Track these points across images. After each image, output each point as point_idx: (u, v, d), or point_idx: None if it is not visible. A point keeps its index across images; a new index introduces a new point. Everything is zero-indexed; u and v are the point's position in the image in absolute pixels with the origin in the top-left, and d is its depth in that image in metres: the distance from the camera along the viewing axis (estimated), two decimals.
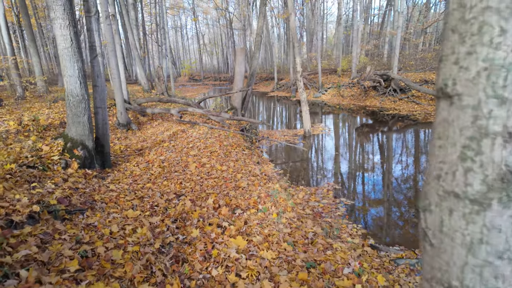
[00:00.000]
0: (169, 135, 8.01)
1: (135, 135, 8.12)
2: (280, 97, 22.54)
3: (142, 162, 5.82)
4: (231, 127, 9.38)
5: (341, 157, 7.92)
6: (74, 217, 3.20)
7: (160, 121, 9.86)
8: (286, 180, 6.25)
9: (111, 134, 7.74)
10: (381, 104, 15.44)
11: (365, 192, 5.77)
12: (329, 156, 8.12)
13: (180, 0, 43.67)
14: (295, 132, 10.76)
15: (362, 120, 12.70)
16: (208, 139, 7.39)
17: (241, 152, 6.81)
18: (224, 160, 5.94)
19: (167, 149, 6.68)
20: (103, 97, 5.20)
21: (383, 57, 24.81)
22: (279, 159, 8.08)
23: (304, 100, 10.48)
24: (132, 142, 7.26)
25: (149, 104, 12.04)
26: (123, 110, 8.37)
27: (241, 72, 10.76)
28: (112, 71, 8.19)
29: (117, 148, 6.51)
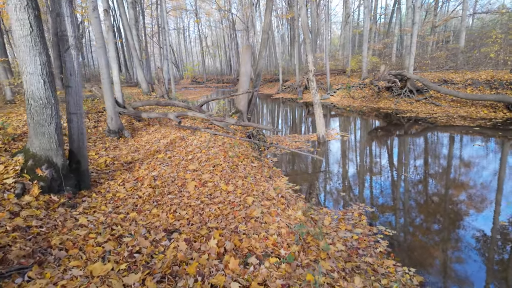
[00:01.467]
0: (166, 144, 6.89)
1: (127, 144, 7.01)
2: (286, 99, 21.41)
3: (130, 179, 4.69)
4: (236, 133, 8.25)
5: (366, 169, 6.74)
6: (5, 284, 2.08)
7: (158, 127, 8.75)
8: (306, 200, 5.10)
9: (99, 144, 6.63)
10: (396, 106, 14.26)
11: (408, 217, 4.60)
12: (352, 167, 6.95)
13: (183, 2, 42.76)
14: (307, 138, 9.61)
15: (378, 123, 11.51)
16: (210, 148, 6.26)
17: (250, 165, 5.67)
18: (230, 176, 4.80)
19: (161, 161, 5.56)
20: (78, 100, 4.09)
21: (391, 56, 23.62)
22: (293, 170, 6.93)
23: (318, 102, 9.34)
24: (121, 153, 6.14)
25: (146, 107, 10.95)
26: (114, 115, 7.27)
27: (247, 72, 9.64)
28: (102, 70, 7.11)
29: (102, 161, 5.39)
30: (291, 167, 7.11)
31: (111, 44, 9.45)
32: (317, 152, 8.05)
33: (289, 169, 6.98)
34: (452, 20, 29.50)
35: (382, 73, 14.11)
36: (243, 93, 8.17)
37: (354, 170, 6.75)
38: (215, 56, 52.31)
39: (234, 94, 8.28)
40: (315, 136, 9.67)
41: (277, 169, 6.73)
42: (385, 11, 32.80)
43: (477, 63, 15.66)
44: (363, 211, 4.71)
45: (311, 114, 15.80)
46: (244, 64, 9.53)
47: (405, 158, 7.34)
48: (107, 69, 7.16)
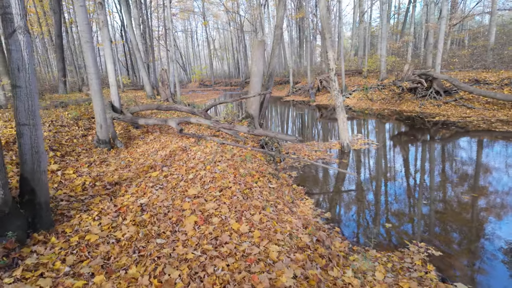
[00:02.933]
0: (164, 156, 5.67)
1: (118, 157, 5.81)
2: (297, 102, 20.09)
3: (110, 210, 3.46)
4: (247, 141, 6.99)
5: (414, 189, 5.38)
6: None
7: (157, 135, 7.56)
8: (344, 237, 3.80)
9: (83, 157, 5.44)
10: (421, 108, 12.80)
11: (499, 266, 3.24)
12: (393, 185, 5.59)
13: (190, 5, 41.93)
14: (328, 146, 8.28)
15: (405, 128, 10.10)
16: (217, 163, 5.01)
17: (267, 186, 4.39)
18: (243, 206, 3.53)
19: (155, 182, 4.32)
20: (32, 106, 2.88)
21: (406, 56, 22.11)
22: (317, 188, 5.62)
23: (341, 106, 8.02)
24: (108, 170, 4.93)
25: (147, 112, 9.79)
26: (103, 122, 6.09)
27: (259, 71, 8.38)
28: (89, 69, 5.94)
29: (79, 183, 4.18)
30: (314, 185, 5.79)
31: (107, 41, 8.33)
32: (341, 164, 6.73)
33: (313, 187, 5.67)
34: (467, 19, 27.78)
35: (405, 73, 12.69)
36: (254, 95, 6.92)
37: (398, 189, 5.40)
38: (222, 59, 51.38)
39: (244, 97, 7.04)
40: (338, 144, 8.34)
41: (299, 187, 5.44)
42: (398, 10, 31.25)
43: (509, 61, 14.09)
44: (426, 256, 3.38)
45: (324, 117, 14.50)
46: (256, 63, 8.28)
47: (461, 174, 5.95)
48: (96, 68, 5.99)
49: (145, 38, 26.14)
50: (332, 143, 8.52)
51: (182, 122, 6.57)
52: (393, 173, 6.11)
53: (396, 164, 6.64)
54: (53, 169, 4.39)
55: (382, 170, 6.29)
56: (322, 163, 5.95)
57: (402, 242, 3.71)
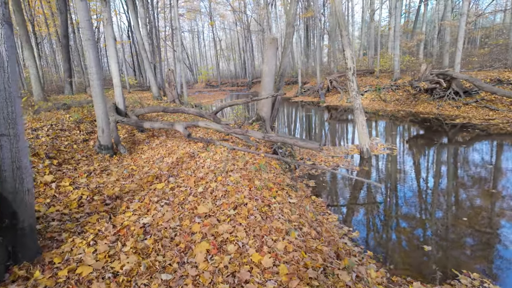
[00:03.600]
0: (170, 164, 5.16)
1: (120, 164, 5.32)
2: (306, 103, 19.47)
3: (107, 233, 2.95)
4: (259, 146, 6.45)
5: (449, 202, 4.77)
6: None
7: (164, 139, 7.06)
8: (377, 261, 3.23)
9: (83, 165, 4.95)
10: (439, 110, 12.11)
11: None
12: (425, 198, 4.99)
13: (197, 5, 41.58)
14: (345, 151, 7.69)
15: (426, 131, 9.43)
16: (229, 173, 4.47)
17: (287, 202, 3.83)
18: (263, 229, 2.98)
19: (160, 196, 3.80)
20: (13, 113, 2.38)
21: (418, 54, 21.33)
22: (339, 200, 5.05)
23: (359, 108, 7.43)
24: (109, 181, 4.43)
25: (152, 115, 9.32)
26: (105, 126, 5.60)
27: (271, 71, 7.84)
28: (91, 69, 5.46)
29: (75, 197, 3.68)
30: (335, 196, 5.22)
31: (110, 40, 7.87)
32: (362, 171, 6.14)
33: (334, 198, 5.10)
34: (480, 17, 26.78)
35: (423, 73, 12.01)
36: (267, 96, 6.37)
37: (433, 204, 4.80)
38: (229, 59, 50.96)
39: (256, 98, 6.50)
40: (355, 148, 7.75)
41: (319, 199, 4.87)
42: (409, 8, 30.40)
43: None
44: None
45: (334, 118, 13.90)
46: (268, 62, 7.73)
47: (505, 186, 5.33)
48: (98, 67, 5.51)
49: (152, 38, 25.79)
50: (350, 147, 7.93)
51: (190, 126, 6.05)
52: (422, 183, 5.50)
53: (423, 173, 6.02)
54: (47, 181, 3.90)
55: (409, 180, 5.68)
56: (343, 172, 5.37)
57: (449, 272, 3.13)
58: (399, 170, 6.22)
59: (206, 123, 5.90)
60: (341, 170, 6.25)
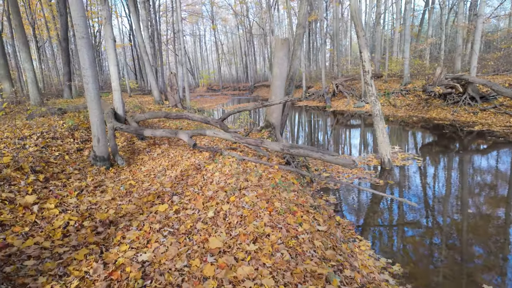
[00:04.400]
0: (174, 179, 4.51)
1: (117, 179, 4.66)
2: (311, 108, 18.84)
3: (96, 278, 2.29)
4: (271, 156, 5.80)
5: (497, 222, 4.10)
6: None
7: (166, 147, 6.41)
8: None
9: (74, 180, 4.29)
10: (454, 116, 11.47)
11: None
12: (469, 219, 4.32)
13: (199, 9, 41.21)
14: (363, 161, 7.04)
15: (444, 139, 8.77)
16: (242, 191, 3.81)
17: (315, 230, 3.16)
18: (295, 274, 2.31)
19: (162, 223, 3.14)
20: None
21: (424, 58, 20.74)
22: (367, 220, 4.38)
23: (379, 114, 6.79)
24: (102, 201, 3.76)
25: (154, 120, 8.68)
26: (101, 135, 4.95)
27: (282, 74, 7.22)
28: (85, 71, 4.83)
29: (60, 224, 3.02)
30: (362, 215, 4.55)
31: (109, 40, 7.27)
32: (386, 185, 5.48)
33: (361, 218, 4.43)
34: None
35: (437, 77, 11.39)
36: (280, 102, 5.73)
37: (478, 227, 4.13)
38: (230, 63, 50.50)
39: (267, 104, 5.86)
40: (374, 158, 7.09)
41: (344, 220, 4.20)
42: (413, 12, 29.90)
43: None
44: None
45: (340, 123, 13.29)
46: (279, 64, 7.10)
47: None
48: (93, 69, 4.88)
49: (154, 42, 25.30)
50: (368, 157, 7.27)
51: (196, 135, 5.40)
52: (460, 200, 4.83)
53: (457, 188, 5.35)
54: (27, 203, 3.24)
55: (442, 196, 5.01)
56: (367, 186, 4.71)
57: None
58: (428, 184, 5.55)
59: (214, 131, 5.25)
60: (365, 184, 5.59)
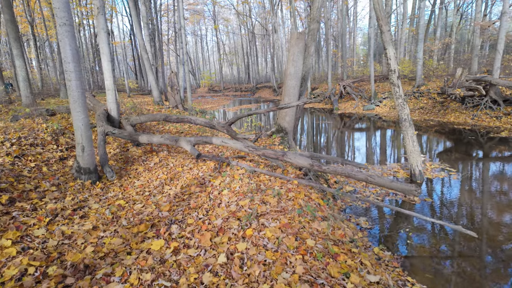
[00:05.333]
0: (172, 199, 3.63)
1: (104, 197, 3.78)
2: (316, 110, 17.95)
3: None
4: (286, 167, 4.92)
5: None
6: None
7: (164, 155, 5.54)
8: None
9: (51, 199, 3.41)
10: (474, 120, 10.60)
11: None
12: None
13: (201, 8, 40.39)
14: (387, 172, 6.15)
15: (471, 146, 7.89)
16: (261, 220, 2.93)
17: (366, 285, 2.29)
18: None
19: (156, 271, 2.25)
20: None
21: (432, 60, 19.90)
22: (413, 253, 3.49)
23: (408, 119, 5.92)
24: (80, 232, 2.88)
25: (152, 123, 7.80)
26: (87, 143, 4.08)
27: (297, 73, 6.35)
28: (66, 65, 3.95)
29: (12, 274, 2.14)
30: (402, 243, 3.66)
31: (102, 33, 6.41)
32: (424, 204, 4.60)
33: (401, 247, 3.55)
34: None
35: (458, 79, 10.53)
36: (298, 104, 4.87)
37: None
38: (232, 64, 49.66)
39: (283, 106, 4.99)
40: (400, 168, 6.21)
41: (385, 254, 3.32)
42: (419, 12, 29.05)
43: None
44: None
45: (347, 127, 12.44)
46: (294, 62, 6.23)
47: None
48: (76, 63, 4.01)
49: (154, 41, 24.45)
50: (394, 166, 6.38)
51: (200, 143, 4.53)
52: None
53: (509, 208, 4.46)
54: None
55: (495, 220, 4.13)
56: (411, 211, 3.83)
57: None
58: (475, 203, 4.67)
59: (222, 140, 4.37)
60: (397, 201, 4.71)
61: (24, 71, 11.37)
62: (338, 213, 4.08)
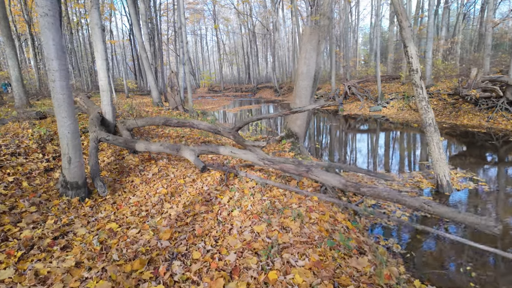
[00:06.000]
0: (174, 221, 3.03)
1: (93, 219, 3.17)
2: (319, 111, 17.32)
3: None
4: (302, 180, 4.33)
5: None
6: None
7: (164, 164, 4.94)
8: None
9: (28, 223, 2.81)
10: (489, 123, 10.03)
11: None
12: None
13: (201, 8, 39.76)
14: (410, 182, 5.57)
15: (494, 152, 7.31)
16: (284, 255, 2.34)
17: None
18: None
19: None
20: None
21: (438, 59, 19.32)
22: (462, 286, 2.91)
23: (433, 123, 5.34)
24: (60, 268, 2.28)
25: (151, 127, 7.21)
26: (74, 153, 3.49)
27: (310, 72, 5.76)
28: (50, 63, 3.35)
29: None
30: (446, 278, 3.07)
31: (96, 29, 5.81)
32: None
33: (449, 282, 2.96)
34: None
35: (473, 79, 9.96)
36: (315, 107, 4.28)
37: None
38: (232, 64, 49.02)
39: (298, 109, 4.40)
40: (422, 177, 5.63)
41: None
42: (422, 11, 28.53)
43: None
44: None
45: (355, 129, 11.88)
46: (306, 60, 5.64)
47: None
48: (61, 60, 3.41)
49: (154, 40, 23.84)
50: (416, 175, 5.79)
51: (205, 153, 3.93)
52: None
53: None
54: None
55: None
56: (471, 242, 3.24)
57: None
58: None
59: (231, 150, 3.77)
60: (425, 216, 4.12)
61: (17, 71, 10.77)
62: (368, 236, 3.49)
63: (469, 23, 29.29)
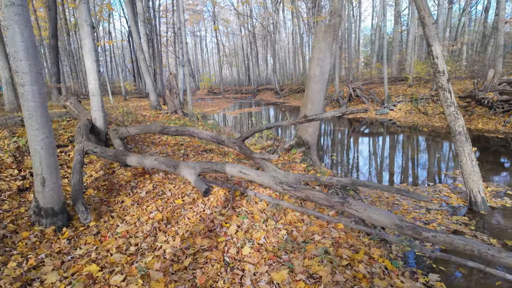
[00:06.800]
0: (170, 263, 2.38)
1: (69, 257, 2.52)
2: None
3: None
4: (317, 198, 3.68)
5: None
6: None
7: (159, 179, 4.30)
8: None
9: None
10: (506, 127, 9.42)
11: None
12: None
13: (200, 9, 39.17)
14: (436, 196, 4.93)
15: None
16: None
17: None
18: None
19: None
20: None
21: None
22: None
23: (463, 131, 4.71)
24: None
25: (146, 135, 6.56)
26: (49, 173, 2.85)
27: (323, 74, 5.12)
28: (18, 64, 2.70)
29: None
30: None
31: (85, 26, 5.17)
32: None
33: None
34: None
35: (490, 82, 9.36)
36: (335, 114, 3.65)
37: None
38: (232, 65, 48.42)
39: (313, 117, 3.77)
40: (449, 191, 5.00)
41: None
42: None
43: None
44: None
45: (357, 132, 11.28)
46: (319, 60, 5.00)
47: None
48: (32, 61, 2.76)
49: (152, 41, 23.22)
50: (441, 190, 5.15)
51: (208, 171, 3.28)
52: None
53: None
54: None
55: None
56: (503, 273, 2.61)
57: None
58: None
59: (240, 169, 3.12)
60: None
61: (8, 73, 10.10)
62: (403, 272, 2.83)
63: (471, 24, 28.77)
